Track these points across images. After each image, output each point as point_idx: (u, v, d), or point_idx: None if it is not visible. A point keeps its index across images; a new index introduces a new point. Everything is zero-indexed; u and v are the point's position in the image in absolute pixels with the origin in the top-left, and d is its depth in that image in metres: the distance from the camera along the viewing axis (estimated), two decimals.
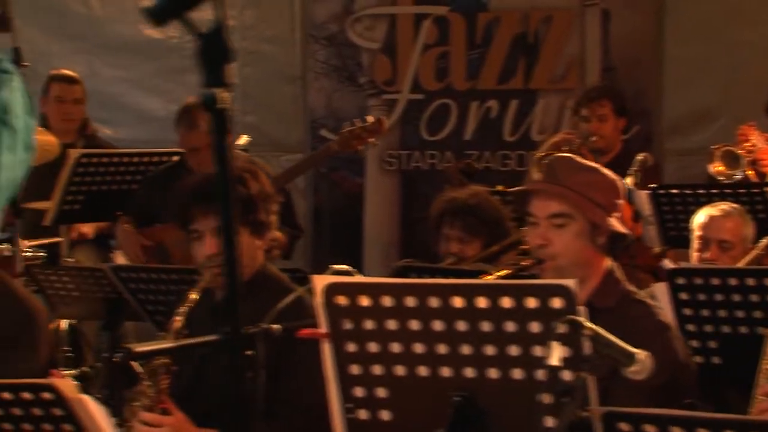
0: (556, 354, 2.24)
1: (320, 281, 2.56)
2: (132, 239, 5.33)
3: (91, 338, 5.55)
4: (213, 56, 1.40)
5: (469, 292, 2.47)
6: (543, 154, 5.56)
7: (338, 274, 2.70)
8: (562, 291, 2.38)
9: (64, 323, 5.20)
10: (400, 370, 2.54)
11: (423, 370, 2.53)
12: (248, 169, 3.39)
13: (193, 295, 3.23)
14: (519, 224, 4.52)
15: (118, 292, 4.55)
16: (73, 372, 4.87)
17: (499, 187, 5.09)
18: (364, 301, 2.54)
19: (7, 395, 2.63)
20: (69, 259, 5.49)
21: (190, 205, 3.33)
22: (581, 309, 2.36)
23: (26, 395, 2.61)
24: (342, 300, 2.54)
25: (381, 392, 2.58)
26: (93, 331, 5.53)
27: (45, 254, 5.03)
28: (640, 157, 5.53)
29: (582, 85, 6.88)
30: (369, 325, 2.54)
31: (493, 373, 2.48)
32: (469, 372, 2.49)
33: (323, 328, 2.55)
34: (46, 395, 2.59)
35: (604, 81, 6.84)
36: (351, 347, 2.56)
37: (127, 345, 2.88)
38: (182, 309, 3.21)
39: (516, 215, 4.46)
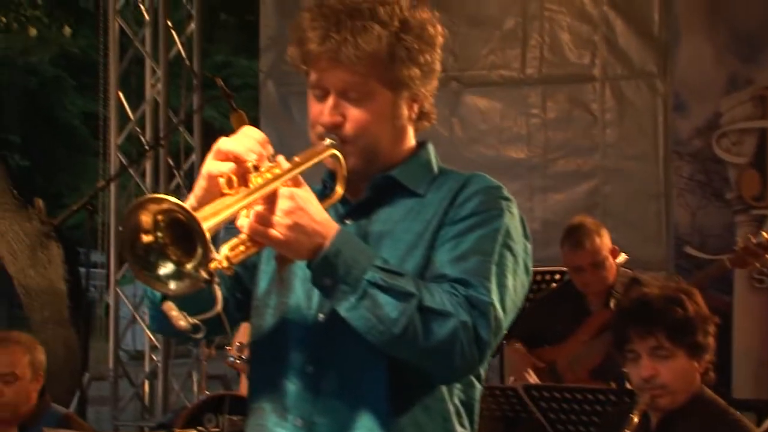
0: None
1: None
2: (525, 359, 5.36)
3: None
4: None
5: None
6: None
7: None
8: None
9: None
10: None
11: None
12: (684, 290, 3.34)
13: (635, 419, 3.20)
14: None
15: (515, 410, 4.60)
16: None
17: None
18: None
19: None
20: None
21: (628, 326, 3.31)
22: None
23: None
24: None
25: None
26: None
27: None
28: None
29: None
30: None
31: None
32: None
33: None
34: None
35: None
36: None
37: None
38: None
39: None
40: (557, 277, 5.65)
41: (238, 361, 5.84)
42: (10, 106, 20.12)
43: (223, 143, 2.23)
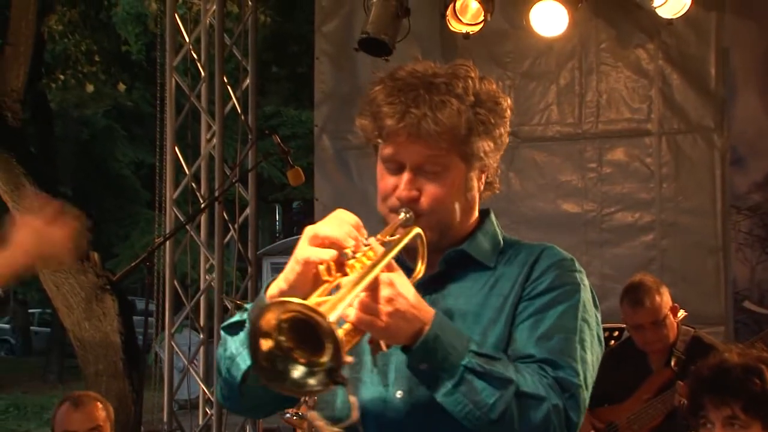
0: None
1: None
2: (584, 421, 5.29)
3: None
4: None
5: None
6: None
7: None
8: None
9: None
10: None
11: None
12: (765, 360, 3.25)
13: None
14: None
15: None
16: None
17: None
18: None
19: None
20: None
21: (704, 393, 3.25)
22: None
23: None
24: None
25: None
26: None
27: None
28: None
29: None
30: None
31: None
32: None
33: None
34: None
35: None
36: None
37: None
38: None
39: None
40: (616, 334, 5.59)
41: (294, 418, 5.82)
42: (63, 157, 20.34)
43: (321, 229, 2.18)
